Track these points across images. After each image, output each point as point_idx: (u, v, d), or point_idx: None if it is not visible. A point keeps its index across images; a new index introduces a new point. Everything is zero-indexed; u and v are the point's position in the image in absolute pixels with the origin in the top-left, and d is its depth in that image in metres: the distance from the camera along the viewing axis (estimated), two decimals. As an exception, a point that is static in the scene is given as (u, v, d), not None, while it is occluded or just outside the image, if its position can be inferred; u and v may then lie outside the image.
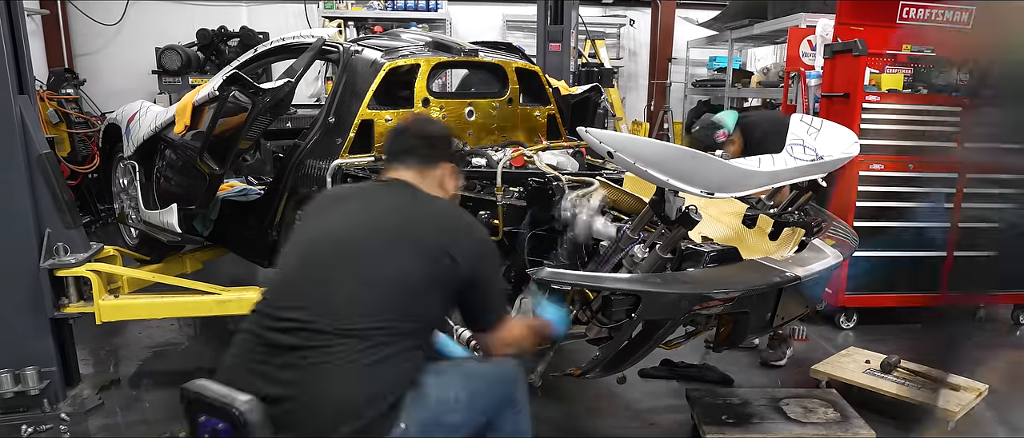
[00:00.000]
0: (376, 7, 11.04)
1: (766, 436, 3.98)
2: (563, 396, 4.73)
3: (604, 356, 3.34)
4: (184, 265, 5.95)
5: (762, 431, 4.00)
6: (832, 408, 4.22)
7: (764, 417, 4.12)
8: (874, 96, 5.62)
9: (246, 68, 5.29)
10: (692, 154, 2.98)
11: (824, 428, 4.02)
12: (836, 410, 4.20)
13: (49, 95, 8.94)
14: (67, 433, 4.28)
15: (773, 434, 3.98)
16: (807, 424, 4.05)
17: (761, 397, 4.36)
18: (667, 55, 12.74)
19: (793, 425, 4.04)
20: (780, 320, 3.65)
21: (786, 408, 4.21)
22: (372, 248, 2.63)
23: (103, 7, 11.12)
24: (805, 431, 4.00)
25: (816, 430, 4.00)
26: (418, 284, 2.57)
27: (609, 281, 3.15)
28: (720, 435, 3.94)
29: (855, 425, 4.04)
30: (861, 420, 4.09)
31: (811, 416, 4.13)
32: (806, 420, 4.09)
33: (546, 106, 5.75)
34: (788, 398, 4.34)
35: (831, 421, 4.09)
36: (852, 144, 3.72)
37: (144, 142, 5.49)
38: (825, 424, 4.06)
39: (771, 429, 4.01)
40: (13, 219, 4.24)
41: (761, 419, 4.10)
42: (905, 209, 5.75)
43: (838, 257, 3.65)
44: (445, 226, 2.76)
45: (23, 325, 4.38)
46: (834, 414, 4.15)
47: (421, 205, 2.81)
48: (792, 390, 4.48)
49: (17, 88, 4.21)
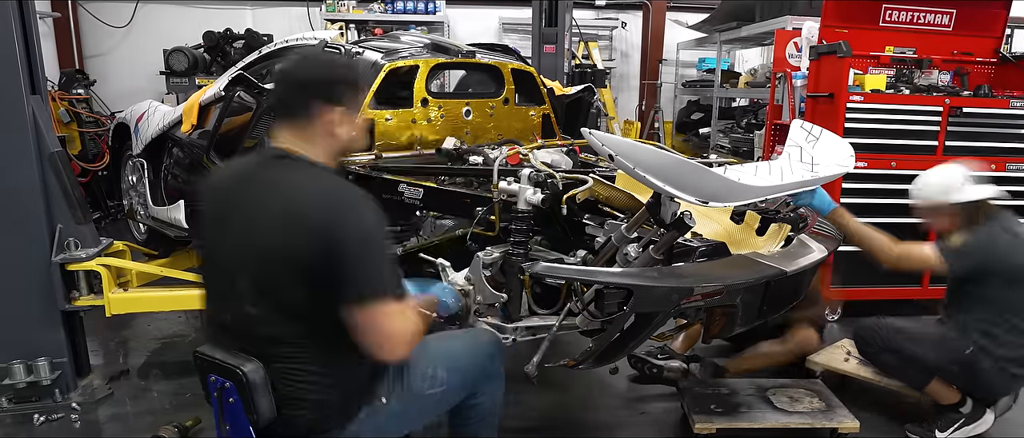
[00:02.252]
0: (376, 10, 11.03)
1: (753, 425, 3.98)
2: (556, 386, 4.73)
3: (597, 348, 3.35)
4: (191, 259, 5.92)
5: (749, 420, 4.00)
6: (817, 397, 4.21)
7: (752, 406, 4.11)
8: (858, 96, 5.62)
9: (251, 69, 5.28)
10: (690, 164, 2.98)
11: (809, 417, 4.02)
12: (821, 400, 4.19)
13: (60, 95, 8.92)
14: (78, 422, 4.27)
15: (760, 423, 3.98)
16: (793, 413, 4.05)
17: (749, 387, 4.35)
18: (658, 56, 12.75)
19: (779, 414, 4.04)
20: (769, 313, 3.65)
21: (773, 398, 4.21)
22: (260, 279, 2.40)
23: (113, 10, 11.11)
24: (791, 420, 4.00)
25: (801, 419, 4.00)
26: (306, 301, 2.37)
27: (602, 275, 3.15)
28: (709, 424, 3.94)
29: (840, 414, 4.04)
30: (845, 409, 4.09)
31: (797, 405, 4.13)
32: (792, 409, 4.09)
33: (541, 106, 5.75)
34: (775, 388, 4.33)
35: (816, 410, 4.09)
36: (848, 157, 3.72)
37: (152, 141, 5.49)
38: (810, 413, 4.06)
39: (758, 418, 4.01)
40: (26, 215, 4.23)
41: (749, 408, 4.09)
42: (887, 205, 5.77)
43: (823, 252, 3.66)
44: (318, 226, 2.30)
45: (35, 317, 4.37)
46: (819, 403, 4.15)
47: (291, 205, 2.37)
48: (778, 380, 4.47)
49: (30, 88, 4.19)
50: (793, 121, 3.89)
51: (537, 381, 3.39)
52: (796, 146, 3.62)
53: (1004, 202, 4.04)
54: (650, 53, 12.74)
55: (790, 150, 3.61)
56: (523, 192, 3.53)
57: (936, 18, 6.27)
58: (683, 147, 11.53)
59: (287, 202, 2.38)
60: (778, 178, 3.30)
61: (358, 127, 2.63)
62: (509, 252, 3.59)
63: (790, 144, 3.63)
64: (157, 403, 4.54)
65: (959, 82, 6.15)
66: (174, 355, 5.33)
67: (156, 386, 4.77)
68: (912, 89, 5.88)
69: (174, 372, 4.97)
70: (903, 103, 5.71)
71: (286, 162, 2.47)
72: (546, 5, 8.19)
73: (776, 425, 3.98)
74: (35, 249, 4.30)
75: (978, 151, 5.82)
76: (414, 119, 4.95)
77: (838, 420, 3.99)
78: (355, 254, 2.31)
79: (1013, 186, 5.90)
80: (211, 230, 2.59)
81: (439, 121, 5.08)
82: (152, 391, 4.70)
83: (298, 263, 2.31)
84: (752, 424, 3.99)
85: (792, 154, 3.61)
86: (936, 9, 6.22)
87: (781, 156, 3.58)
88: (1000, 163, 5.86)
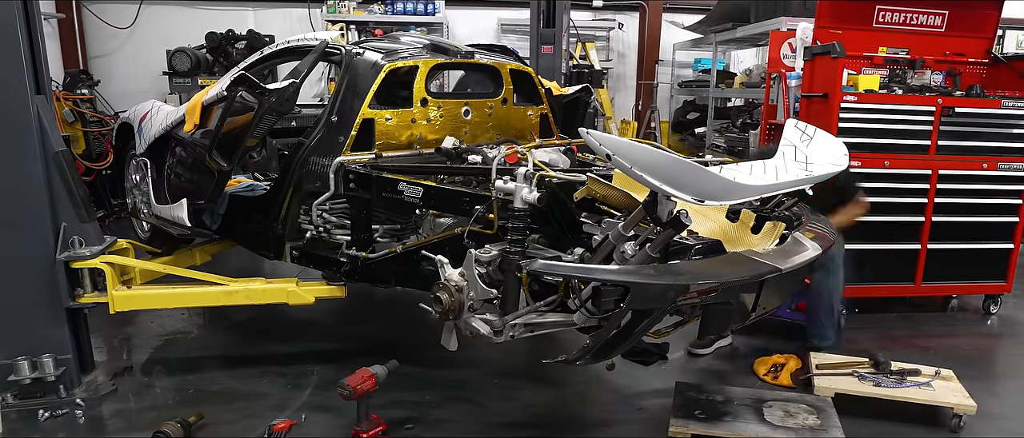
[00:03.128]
0: (377, 11, 11.03)
1: (728, 435, 3.89)
2: (554, 382, 4.74)
3: (594, 344, 3.35)
4: (193, 257, 5.94)
5: (728, 430, 3.91)
6: (815, 414, 4.08)
7: (738, 416, 4.03)
8: (851, 96, 5.63)
9: (253, 69, 5.28)
10: (686, 164, 2.98)
11: (795, 433, 3.89)
12: (819, 417, 4.05)
13: (65, 95, 8.92)
14: (82, 418, 4.27)
15: (737, 433, 3.89)
16: (779, 428, 3.93)
17: (747, 397, 4.28)
18: (654, 57, 12.75)
19: (763, 426, 3.93)
20: (763, 310, 3.66)
21: (767, 410, 4.11)
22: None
23: (116, 11, 11.10)
24: (775, 433, 3.88)
25: (785, 434, 3.88)
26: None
27: (599, 272, 3.15)
28: (683, 429, 3.89)
29: (831, 434, 3.90)
30: (840, 430, 3.93)
31: (788, 420, 4.01)
32: (781, 424, 3.97)
33: (539, 106, 5.75)
34: (774, 401, 4.23)
35: (806, 427, 3.95)
36: (842, 156, 3.71)
37: (155, 140, 5.48)
38: (797, 429, 3.92)
39: (739, 429, 3.91)
40: (31, 213, 4.24)
41: (734, 418, 4.00)
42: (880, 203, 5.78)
43: (818, 250, 3.66)
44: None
45: (40, 314, 4.38)
46: (814, 420, 4.01)
47: None
48: (782, 393, 4.38)
49: (35, 88, 4.20)
50: (788, 121, 3.89)
51: (532, 377, 3.39)
52: (791, 145, 3.62)
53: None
54: (646, 54, 12.74)
55: (785, 149, 3.61)
56: (520, 191, 3.54)
57: (929, 19, 6.27)
58: (679, 146, 11.54)
59: None
60: (773, 177, 3.30)
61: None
62: (507, 250, 3.59)
63: (785, 143, 3.62)
64: (160, 398, 4.54)
65: (951, 82, 6.15)
66: (177, 351, 5.33)
67: (159, 382, 4.77)
68: (905, 89, 5.89)
69: (177, 368, 4.98)
70: (896, 103, 5.72)
71: None
72: (544, 6, 8.19)
73: (755, 437, 3.88)
74: (40, 247, 4.31)
75: (970, 150, 5.84)
76: (414, 119, 4.95)
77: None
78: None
79: (1005, 185, 5.93)
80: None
81: (438, 121, 5.08)
82: (155, 387, 4.70)
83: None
84: (728, 433, 3.89)
85: (787, 153, 3.61)
86: (929, 10, 6.23)
87: (776, 155, 3.57)
88: (992, 162, 5.87)
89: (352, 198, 4.66)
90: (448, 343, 3.93)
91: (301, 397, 4.55)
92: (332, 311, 6.06)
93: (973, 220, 5.99)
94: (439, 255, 3.85)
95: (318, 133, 4.73)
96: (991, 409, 4.40)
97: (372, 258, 4.54)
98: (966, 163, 5.86)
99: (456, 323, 3.79)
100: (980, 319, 6.36)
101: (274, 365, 4.98)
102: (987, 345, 5.94)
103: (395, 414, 4.30)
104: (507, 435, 4.20)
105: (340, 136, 4.67)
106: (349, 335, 5.72)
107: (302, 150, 4.74)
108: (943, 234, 5.96)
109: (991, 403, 4.48)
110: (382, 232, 4.97)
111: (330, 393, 4.47)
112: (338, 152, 4.62)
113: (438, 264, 3.81)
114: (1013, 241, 6.10)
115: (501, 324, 3.63)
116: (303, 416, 4.28)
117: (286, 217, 4.87)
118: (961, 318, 6.35)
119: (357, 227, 4.70)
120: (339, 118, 4.72)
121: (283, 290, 4.83)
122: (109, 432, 4.18)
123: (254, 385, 4.70)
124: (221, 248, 6.28)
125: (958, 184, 5.88)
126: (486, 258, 3.66)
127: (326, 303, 5.19)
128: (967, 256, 6.08)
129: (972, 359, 5.34)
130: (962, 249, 6.04)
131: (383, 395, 4.24)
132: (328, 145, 4.69)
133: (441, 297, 3.72)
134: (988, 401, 4.45)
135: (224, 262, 6.54)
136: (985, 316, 6.38)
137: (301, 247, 4.92)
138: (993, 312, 6.40)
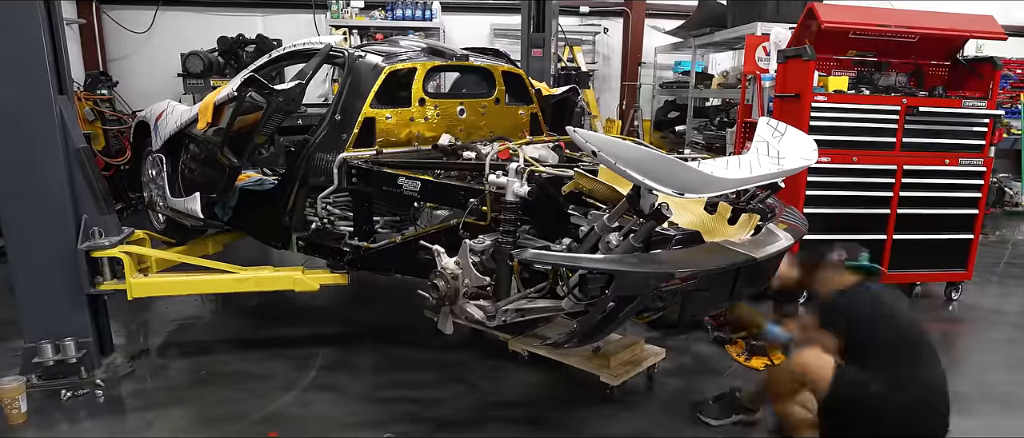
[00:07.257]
0: (378, 17, 10.99)
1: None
2: (547, 365, 4.74)
3: (581, 328, 3.37)
4: (206, 247, 5.93)
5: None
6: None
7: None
8: (822, 96, 5.63)
9: (262, 71, 5.26)
10: (667, 159, 2.98)
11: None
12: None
13: (86, 95, 8.90)
14: (102, 397, 4.27)
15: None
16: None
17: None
18: (637, 60, 12.73)
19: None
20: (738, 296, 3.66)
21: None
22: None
23: (134, 17, 11.05)
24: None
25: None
26: None
27: (585, 261, 3.15)
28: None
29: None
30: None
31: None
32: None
33: (529, 105, 5.75)
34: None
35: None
36: (812, 151, 3.71)
37: (170, 137, 5.47)
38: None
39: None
40: (54, 206, 4.24)
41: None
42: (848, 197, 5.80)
43: (790, 240, 3.67)
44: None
45: (62, 300, 4.39)
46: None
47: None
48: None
49: (58, 89, 4.20)
50: (760, 118, 3.88)
51: (524, 360, 3.39)
52: (763, 141, 3.62)
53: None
54: (630, 56, 12.72)
55: (758, 145, 3.61)
56: (511, 185, 3.55)
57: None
58: (660, 143, 11.50)
59: None
60: (747, 171, 3.31)
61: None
62: (499, 240, 3.60)
63: (758, 140, 3.63)
64: (175, 379, 4.55)
65: (916, 83, 6.16)
66: (191, 335, 5.33)
67: (174, 364, 4.78)
68: (872, 89, 5.89)
69: (191, 351, 4.98)
70: (864, 102, 5.72)
71: None
72: (534, 12, 8.18)
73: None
74: (62, 237, 4.31)
75: (933, 147, 5.85)
76: (412, 117, 4.95)
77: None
78: None
79: (966, 180, 5.95)
80: None
81: (435, 119, 5.08)
82: (170, 368, 4.71)
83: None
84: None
85: (760, 149, 3.62)
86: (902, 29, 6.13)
87: (750, 150, 3.57)
88: (953, 158, 5.89)
89: (354, 192, 4.66)
90: (444, 327, 3.94)
91: (306, 378, 4.54)
92: (336, 297, 6.05)
93: (936, 212, 5.99)
94: (436, 245, 3.86)
95: (323, 131, 4.72)
96: (952, 387, 4.40)
97: (373, 248, 4.54)
98: (929, 159, 5.87)
99: (452, 308, 3.80)
100: (942, 304, 6.38)
101: (281, 348, 4.98)
102: (949, 329, 5.97)
103: (392, 394, 4.31)
104: (500, 413, 4.20)
105: (343, 134, 4.67)
106: (351, 319, 5.72)
107: (308, 147, 4.73)
108: (908, 226, 5.96)
109: (952, 381, 4.49)
110: (382, 223, 4.98)
111: (333, 373, 4.46)
112: (341, 148, 4.62)
113: (435, 253, 3.82)
114: (973, 232, 6.11)
115: (494, 309, 3.65)
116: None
117: (293, 209, 4.86)
118: (925, 304, 6.37)
119: (359, 219, 4.70)
120: (342, 117, 4.72)
121: (290, 278, 4.83)
122: (127, 410, 4.18)
123: (263, 366, 4.70)
124: (232, 238, 6.27)
125: (922, 178, 5.88)
126: (480, 248, 3.67)
127: (330, 290, 5.18)
128: (930, 246, 6.08)
129: (935, 342, 5.35)
130: (925, 240, 6.05)
131: (381, 377, 4.23)
132: (332, 142, 4.68)
133: (438, 284, 3.73)
134: (950, 380, 4.46)
135: (235, 252, 6.53)
136: (947, 302, 6.40)
137: (307, 237, 4.91)
138: (954, 298, 6.42)
